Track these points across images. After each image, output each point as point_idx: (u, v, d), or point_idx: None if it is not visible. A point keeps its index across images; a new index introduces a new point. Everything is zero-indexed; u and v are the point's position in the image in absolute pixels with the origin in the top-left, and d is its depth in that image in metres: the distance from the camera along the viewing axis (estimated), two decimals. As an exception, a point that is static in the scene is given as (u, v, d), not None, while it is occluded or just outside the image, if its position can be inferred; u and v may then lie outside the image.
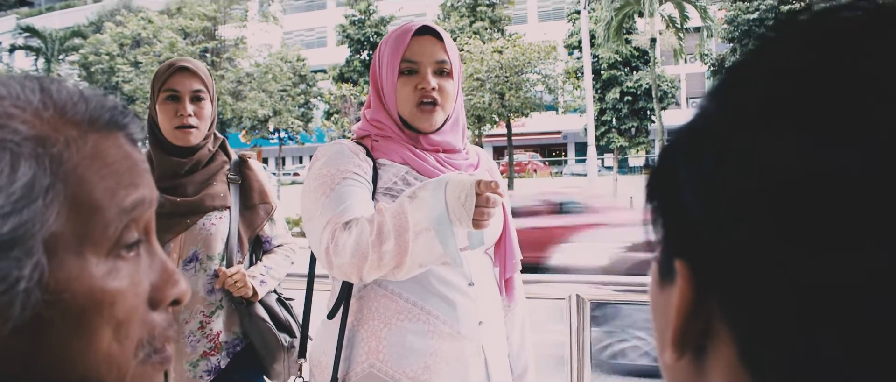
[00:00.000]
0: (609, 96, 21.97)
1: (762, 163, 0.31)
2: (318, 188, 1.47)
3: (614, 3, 18.84)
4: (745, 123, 0.32)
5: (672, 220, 0.37)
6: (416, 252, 1.32)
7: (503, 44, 18.28)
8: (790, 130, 0.30)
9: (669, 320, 0.37)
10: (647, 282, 0.41)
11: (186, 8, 22.86)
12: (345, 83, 24.30)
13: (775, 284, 0.30)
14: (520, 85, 17.75)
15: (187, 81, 2.00)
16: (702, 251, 0.34)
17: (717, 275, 0.33)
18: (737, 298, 0.32)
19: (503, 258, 1.63)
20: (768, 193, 0.30)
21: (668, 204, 0.38)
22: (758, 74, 0.34)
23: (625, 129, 22.37)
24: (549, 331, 3.08)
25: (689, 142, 0.36)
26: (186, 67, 2.03)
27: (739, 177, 0.31)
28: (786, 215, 0.29)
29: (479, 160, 1.67)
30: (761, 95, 0.33)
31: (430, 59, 1.54)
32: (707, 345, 0.35)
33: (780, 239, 0.29)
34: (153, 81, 2.06)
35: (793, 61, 0.32)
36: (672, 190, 0.37)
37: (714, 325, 0.34)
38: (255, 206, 2.08)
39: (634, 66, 22.41)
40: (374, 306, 1.51)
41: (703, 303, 0.35)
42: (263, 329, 2.01)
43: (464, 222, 1.30)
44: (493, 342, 1.57)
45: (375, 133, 1.60)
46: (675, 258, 0.36)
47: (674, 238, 0.37)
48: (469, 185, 1.30)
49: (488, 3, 24.66)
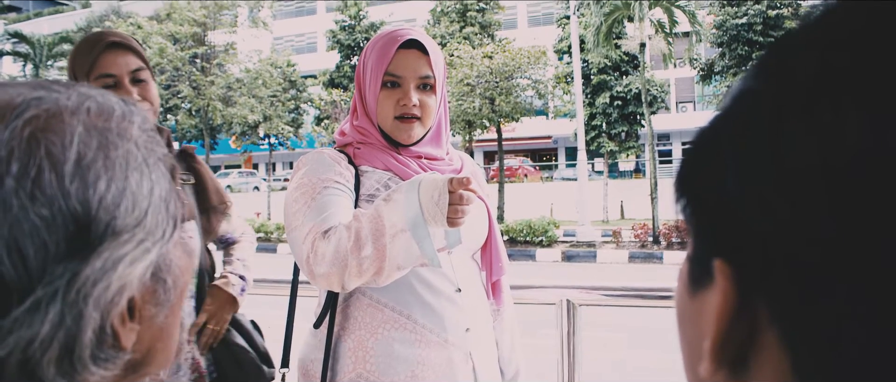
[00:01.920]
0: (599, 101, 22.06)
1: (823, 143, 0.27)
2: (299, 198, 1.47)
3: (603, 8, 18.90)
4: (801, 101, 0.29)
5: (709, 215, 0.34)
6: (393, 255, 1.31)
7: (493, 49, 18.29)
8: (852, 106, 0.27)
9: (705, 328, 0.33)
10: (636, 287, 0.40)
11: (176, 13, 22.76)
12: (335, 89, 24.25)
13: (838, 278, 0.26)
14: (510, 90, 17.76)
15: (122, 58, 1.62)
16: (747, 246, 0.30)
17: (765, 273, 0.29)
18: (790, 298, 0.28)
19: (489, 262, 1.63)
20: (831, 176, 0.26)
21: (703, 198, 0.34)
22: (813, 46, 0.30)
23: (615, 133, 22.45)
24: (541, 336, 3.08)
25: (731, 125, 0.33)
26: (118, 42, 1.63)
27: (797, 159, 0.28)
28: (852, 201, 0.26)
29: (463, 165, 1.68)
30: (817, 68, 0.29)
31: (413, 74, 1.54)
32: (749, 357, 0.32)
33: (847, 227, 0.26)
34: (73, 61, 1.63)
35: (853, 31, 0.29)
36: (709, 182, 0.33)
37: (761, 333, 0.31)
38: (213, 208, 1.81)
39: (624, 70, 22.52)
40: (359, 315, 1.51)
41: (748, 306, 0.31)
42: (244, 360, 1.84)
43: (438, 221, 1.29)
44: (481, 348, 1.57)
45: (358, 140, 1.59)
46: (714, 257, 0.33)
47: (711, 235, 0.34)
48: (441, 183, 1.30)
49: (478, 9, 24.71)
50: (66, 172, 0.44)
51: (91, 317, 0.44)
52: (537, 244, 14.73)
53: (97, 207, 0.45)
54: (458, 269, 1.56)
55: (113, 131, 0.49)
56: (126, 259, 0.46)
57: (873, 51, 0.27)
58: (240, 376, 1.85)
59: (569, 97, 20.51)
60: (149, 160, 0.50)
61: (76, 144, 0.45)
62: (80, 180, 0.44)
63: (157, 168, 0.51)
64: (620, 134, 22.60)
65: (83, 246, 0.44)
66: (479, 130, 18.66)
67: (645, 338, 5.86)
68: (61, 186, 0.44)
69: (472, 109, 17.62)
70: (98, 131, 0.48)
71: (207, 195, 1.81)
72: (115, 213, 0.46)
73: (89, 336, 0.44)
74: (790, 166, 0.28)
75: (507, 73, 17.57)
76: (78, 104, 0.48)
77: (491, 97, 17.67)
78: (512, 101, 17.78)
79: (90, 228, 0.44)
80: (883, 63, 0.27)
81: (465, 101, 17.55)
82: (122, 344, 0.47)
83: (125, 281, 0.46)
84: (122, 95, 1.62)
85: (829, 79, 0.28)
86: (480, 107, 17.65)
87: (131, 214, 0.47)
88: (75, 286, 0.43)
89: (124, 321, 0.48)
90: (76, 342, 0.43)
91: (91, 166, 0.45)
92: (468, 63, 17.53)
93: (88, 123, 0.47)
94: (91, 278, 0.44)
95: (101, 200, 0.45)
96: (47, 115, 0.46)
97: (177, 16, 22.65)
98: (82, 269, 0.43)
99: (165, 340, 0.54)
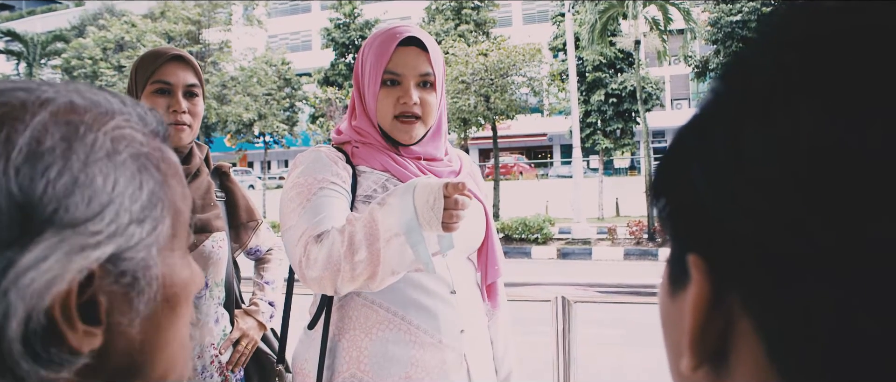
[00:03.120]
0: (594, 98, 22.02)
1: (780, 139, 0.29)
2: (294, 199, 1.45)
3: (598, 6, 18.90)
4: (758, 101, 0.31)
5: (682, 214, 0.35)
6: (388, 260, 1.30)
7: (488, 46, 18.30)
8: (806, 104, 0.28)
9: (684, 328, 0.34)
10: (632, 284, 0.40)
11: (170, 12, 22.70)
12: (330, 87, 24.22)
13: (804, 265, 0.27)
14: (505, 88, 17.77)
15: (181, 72, 1.75)
16: (718, 240, 0.32)
17: (736, 264, 0.31)
18: (759, 286, 0.30)
19: (485, 264, 1.62)
20: (789, 170, 0.28)
21: (677, 197, 0.36)
22: (768, 49, 0.32)
23: (610, 131, 22.41)
24: (536, 334, 3.08)
25: (699, 128, 0.35)
26: (181, 56, 1.77)
27: (757, 155, 0.29)
28: (811, 192, 0.27)
29: (462, 165, 1.66)
30: (773, 70, 0.31)
31: (413, 72, 1.52)
32: (728, 351, 0.33)
33: (807, 217, 0.27)
34: (136, 70, 1.77)
35: (803, 33, 0.30)
36: (681, 181, 0.35)
37: (735, 323, 0.32)
38: (243, 224, 1.95)
39: (619, 68, 22.48)
40: (354, 316, 1.50)
41: (722, 298, 0.32)
42: (265, 362, 1.95)
43: (433, 226, 1.29)
44: (476, 349, 1.56)
45: (356, 140, 1.58)
46: (689, 253, 0.34)
47: (686, 233, 0.35)
48: (437, 188, 1.29)
49: (473, 6, 24.68)
50: (13, 157, 0.43)
51: (16, 307, 0.42)
52: (533, 241, 14.75)
53: (42, 194, 0.43)
54: (453, 271, 1.55)
55: (85, 124, 0.47)
56: (61, 251, 0.43)
57: (821, 49, 0.29)
58: (263, 379, 1.95)
59: (564, 95, 20.53)
60: (120, 155, 0.48)
61: (32, 130, 0.44)
62: (28, 167, 0.43)
63: (133, 165, 0.49)
64: (615, 131, 22.57)
65: (24, 234, 0.43)
66: (475, 128, 18.65)
67: (640, 335, 5.87)
68: (6, 170, 0.43)
69: (468, 106, 17.62)
70: (67, 122, 0.46)
71: (237, 212, 1.94)
72: (63, 203, 0.44)
73: (13, 327, 0.42)
74: (753, 164, 0.30)
75: (503, 70, 17.57)
76: (58, 96, 0.48)
77: (486, 95, 17.67)
78: (507, 98, 17.79)
79: (33, 216, 0.43)
80: (830, 61, 0.28)
81: (461, 98, 17.55)
82: (72, 346, 0.45)
83: (56, 273, 0.43)
84: (172, 105, 1.59)
85: (782, 78, 0.30)
86: (476, 104, 17.65)
87: (85, 206, 0.45)
88: (9, 274, 0.42)
89: (72, 322, 0.45)
90: (2, 333, 0.42)
91: (45, 154, 0.44)
92: (463, 61, 17.53)
93: (58, 114, 0.46)
94: (22, 267, 0.42)
95: (47, 187, 0.43)
96: (19, 103, 0.46)
97: (171, 14, 22.60)
98: (18, 258, 0.42)
99: (152, 353, 0.51)
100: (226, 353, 1.84)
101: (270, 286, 2.02)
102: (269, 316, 1.96)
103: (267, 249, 2.08)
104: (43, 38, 30.71)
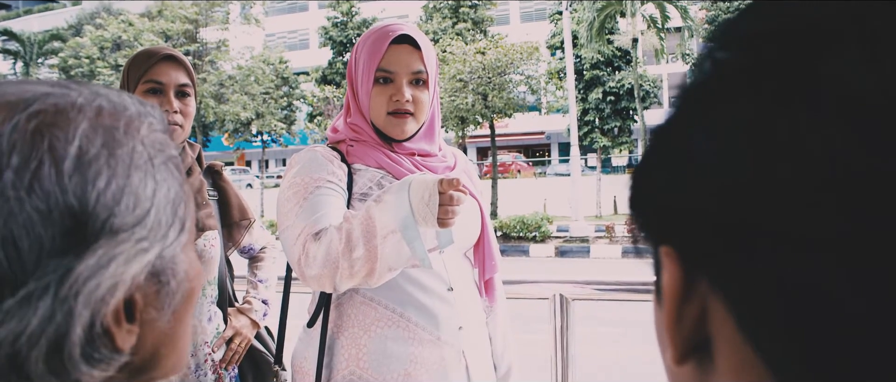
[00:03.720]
0: (592, 96, 22.03)
1: (719, 128, 0.32)
2: (291, 198, 1.46)
3: (596, 4, 18.91)
4: (701, 99, 0.34)
5: (653, 211, 0.37)
6: (385, 256, 1.31)
7: (486, 45, 18.29)
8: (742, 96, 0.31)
9: (663, 319, 0.36)
10: (630, 282, 0.42)
11: (167, 11, 22.66)
12: (327, 85, 24.23)
13: (754, 237, 0.30)
14: (503, 86, 17.77)
15: (173, 72, 1.75)
16: (680, 226, 0.34)
17: (699, 245, 0.33)
18: (723, 262, 0.32)
19: (482, 260, 1.63)
20: (729, 155, 0.31)
21: (649, 199, 0.38)
22: (705, 52, 0.35)
23: (608, 129, 22.43)
24: (534, 331, 3.08)
25: (656, 132, 0.37)
26: (172, 56, 1.77)
27: (701, 144, 0.33)
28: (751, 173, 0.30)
29: (456, 161, 1.67)
30: (710, 70, 0.34)
31: (406, 69, 1.53)
32: (710, 343, 0.34)
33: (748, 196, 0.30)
34: (128, 69, 1.77)
35: (736, 34, 0.33)
36: (652, 180, 0.37)
37: (710, 309, 0.34)
38: (235, 223, 1.94)
39: (616, 66, 22.50)
40: (353, 313, 1.51)
41: (694, 282, 0.34)
42: (260, 360, 1.96)
43: (429, 222, 1.29)
44: (475, 346, 1.57)
45: (351, 138, 1.59)
46: (661, 247, 0.36)
47: (656, 229, 0.37)
48: (432, 184, 1.29)
49: (471, 5, 24.68)
50: (65, 167, 0.44)
51: (81, 314, 0.43)
52: (530, 239, 14.76)
53: (95, 203, 0.45)
54: (450, 268, 1.56)
55: (120, 130, 0.48)
56: (120, 257, 0.45)
57: (748, 48, 0.32)
58: (258, 377, 1.95)
59: (561, 93, 20.55)
60: (155, 160, 0.50)
61: (79, 139, 0.45)
62: (79, 176, 0.44)
63: (165, 169, 0.51)
64: (613, 129, 22.60)
65: (79, 242, 0.44)
66: (472, 126, 18.66)
67: (638, 332, 5.87)
68: (60, 180, 0.43)
69: (465, 105, 17.62)
70: (104, 129, 0.47)
71: (230, 210, 1.93)
72: (113, 210, 0.45)
73: (78, 333, 0.43)
74: (698, 150, 0.33)
75: (500, 68, 17.58)
76: (87, 102, 0.48)
77: (484, 93, 17.67)
78: (505, 96, 17.80)
79: (87, 224, 0.44)
80: (756, 58, 0.31)
81: (458, 97, 17.55)
82: (117, 345, 0.47)
83: (117, 279, 0.45)
84: (163, 104, 1.57)
85: (716, 77, 0.33)
86: (473, 103, 17.65)
87: (132, 212, 0.46)
88: (68, 281, 0.43)
89: (120, 322, 0.47)
90: (65, 338, 0.43)
91: (93, 162, 0.45)
92: (461, 59, 17.53)
93: (95, 121, 0.47)
94: (84, 274, 0.43)
95: (99, 196, 0.45)
96: (55, 110, 0.46)
97: (168, 13, 22.57)
98: (76, 265, 0.43)
99: (172, 345, 0.53)
100: (219, 351, 1.85)
101: (264, 284, 2.02)
102: (262, 314, 1.96)
103: (260, 247, 2.08)
104: (40, 37, 30.67)
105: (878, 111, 0.27)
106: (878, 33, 0.29)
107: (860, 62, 0.28)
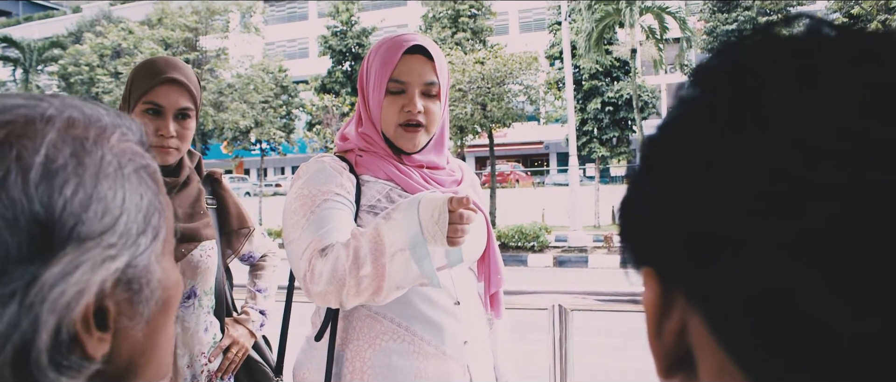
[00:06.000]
0: (590, 106, 22.08)
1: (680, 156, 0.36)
2: (298, 210, 1.45)
3: (595, 15, 18.97)
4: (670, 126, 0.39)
5: (634, 238, 0.41)
6: (393, 274, 1.30)
7: (485, 55, 18.32)
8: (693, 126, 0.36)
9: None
10: (628, 292, 0.45)
11: (167, 19, 22.70)
12: (327, 94, 24.22)
13: (720, 248, 0.33)
14: (501, 96, 17.79)
15: (174, 95, 1.71)
16: (655, 245, 0.38)
17: (672, 261, 0.37)
18: (695, 276, 0.35)
19: (488, 274, 1.62)
20: (691, 178, 0.35)
21: (629, 227, 0.41)
22: (678, 91, 0.39)
23: (606, 139, 22.47)
24: (533, 342, 3.08)
25: (632, 171, 0.41)
26: (175, 79, 1.72)
27: (671, 168, 0.37)
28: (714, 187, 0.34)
29: (463, 176, 1.66)
30: (674, 108, 0.39)
31: (418, 80, 1.51)
32: (693, 357, 0.37)
33: (710, 211, 0.34)
34: (130, 85, 1.74)
35: (695, 72, 0.38)
36: (629, 214, 0.41)
37: (688, 323, 0.37)
38: (234, 231, 1.93)
39: (615, 76, 22.55)
40: (358, 326, 1.49)
41: (671, 296, 0.38)
42: (257, 371, 1.94)
43: (438, 240, 1.28)
44: (479, 360, 1.56)
45: (361, 148, 1.57)
46: (642, 268, 0.40)
47: (638, 253, 0.40)
48: (441, 202, 1.28)
49: (470, 14, 24.73)
50: (32, 176, 0.44)
51: (47, 321, 0.43)
52: (529, 249, 14.74)
53: (62, 211, 0.45)
54: (457, 282, 1.55)
55: (90, 139, 0.49)
56: (86, 264, 0.45)
57: (730, 83, 0.36)
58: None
59: (560, 103, 20.56)
60: (125, 169, 0.50)
61: (46, 148, 0.46)
62: (46, 185, 0.45)
63: (136, 178, 0.51)
64: (612, 139, 22.63)
65: (45, 249, 0.44)
66: (471, 136, 18.67)
67: (636, 343, 5.86)
68: (26, 189, 0.44)
69: (464, 114, 17.64)
70: (73, 139, 0.48)
71: (229, 219, 1.91)
72: (81, 217, 0.46)
73: (45, 339, 0.44)
74: (672, 176, 0.37)
75: (499, 78, 17.60)
76: (58, 112, 0.49)
77: (483, 103, 17.69)
78: (503, 106, 17.81)
79: (54, 231, 0.44)
80: (731, 92, 0.35)
81: (457, 106, 17.57)
82: (88, 353, 0.47)
83: (83, 286, 0.45)
84: (160, 128, 1.58)
85: (680, 111, 0.38)
86: (472, 112, 17.67)
87: (99, 220, 0.47)
88: (33, 288, 0.43)
89: (90, 330, 0.47)
90: (32, 345, 0.43)
91: (60, 171, 0.46)
92: (460, 69, 17.55)
93: (64, 131, 0.48)
94: (49, 281, 0.44)
95: (66, 204, 0.45)
96: (24, 121, 0.47)
97: (168, 21, 22.60)
98: (42, 272, 0.43)
99: (149, 354, 0.53)
100: (216, 361, 1.84)
101: (262, 293, 2.01)
102: (259, 325, 1.95)
103: (261, 255, 2.07)
104: (40, 44, 30.65)
105: (814, 131, 0.31)
106: (816, 67, 0.33)
107: (798, 91, 0.32)
